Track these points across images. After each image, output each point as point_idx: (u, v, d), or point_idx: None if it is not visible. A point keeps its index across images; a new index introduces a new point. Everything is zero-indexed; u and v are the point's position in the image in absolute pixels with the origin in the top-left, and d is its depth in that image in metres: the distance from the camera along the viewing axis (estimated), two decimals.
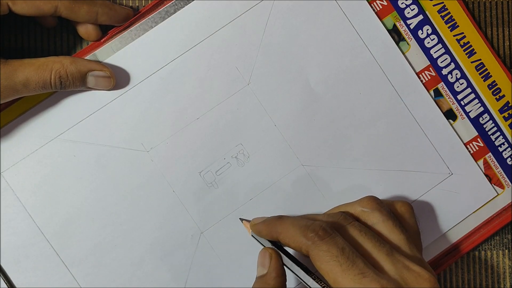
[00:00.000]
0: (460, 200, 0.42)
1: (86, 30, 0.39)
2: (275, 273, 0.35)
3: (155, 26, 0.40)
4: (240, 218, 0.40)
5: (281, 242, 0.35)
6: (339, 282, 0.31)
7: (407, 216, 0.38)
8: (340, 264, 0.31)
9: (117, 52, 0.40)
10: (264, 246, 0.37)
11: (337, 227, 0.34)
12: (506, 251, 0.43)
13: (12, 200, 0.39)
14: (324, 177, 0.41)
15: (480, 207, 0.43)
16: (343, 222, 0.35)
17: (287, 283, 0.36)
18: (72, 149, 0.39)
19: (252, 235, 0.38)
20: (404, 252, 0.34)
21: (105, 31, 0.40)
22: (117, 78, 0.39)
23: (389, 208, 0.37)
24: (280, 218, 0.36)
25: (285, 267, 0.36)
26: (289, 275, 0.36)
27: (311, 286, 0.34)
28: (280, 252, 0.36)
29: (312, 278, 0.34)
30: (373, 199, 0.37)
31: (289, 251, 0.36)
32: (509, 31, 0.44)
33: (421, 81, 0.42)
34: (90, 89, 0.39)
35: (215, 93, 0.41)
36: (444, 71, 0.43)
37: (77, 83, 0.37)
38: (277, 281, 0.35)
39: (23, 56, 0.36)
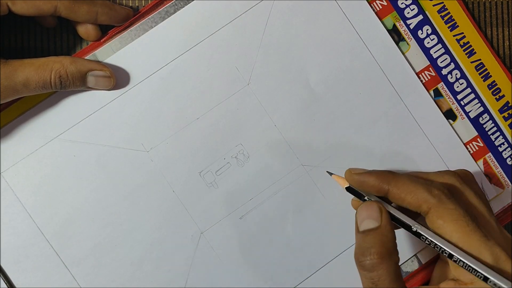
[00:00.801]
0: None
1: (86, 30, 0.39)
2: (390, 226, 0.33)
3: (155, 26, 0.40)
4: (327, 172, 0.39)
5: (393, 197, 0.34)
6: (464, 242, 0.31)
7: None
8: (467, 224, 0.31)
9: (117, 52, 0.40)
10: (360, 200, 0.36)
11: (454, 189, 0.34)
12: None
13: (12, 200, 0.39)
14: (324, 177, 0.41)
15: None
16: (459, 184, 0.35)
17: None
18: (72, 149, 0.39)
19: (348, 188, 0.36)
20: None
21: (105, 31, 0.40)
22: (117, 78, 0.39)
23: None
24: (392, 172, 0.35)
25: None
26: None
27: (429, 238, 0.33)
28: (389, 206, 0.34)
29: (429, 231, 0.33)
30: (470, 172, 0.37)
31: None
32: (509, 31, 0.44)
33: (421, 81, 0.42)
34: (90, 89, 0.39)
35: (215, 93, 0.41)
36: (444, 71, 0.43)
37: (77, 83, 0.37)
38: (393, 235, 0.33)
39: (23, 56, 0.36)
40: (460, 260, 0.31)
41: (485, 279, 0.31)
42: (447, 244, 0.32)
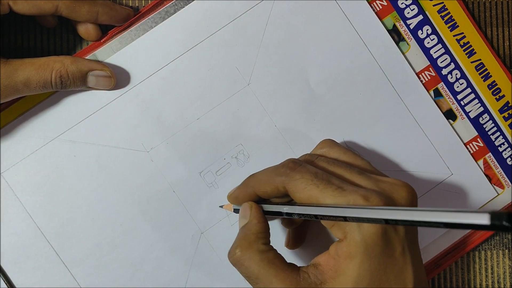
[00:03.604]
0: (460, 200, 0.42)
1: (86, 30, 0.39)
2: (256, 220, 0.35)
3: (155, 26, 0.40)
4: (220, 206, 0.40)
5: (260, 195, 0.35)
6: (322, 200, 0.31)
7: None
8: (317, 186, 0.32)
9: (117, 52, 0.40)
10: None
11: (307, 161, 0.35)
12: (506, 251, 0.43)
13: (12, 200, 0.39)
14: None
15: (480, 207, 0.43)
16: (311, 158, 0.36)
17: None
18: (72, 149, 0.39)
19: (234, 210, 0.38)
20: (373, 172, 0.35)
21: (105, 31, 0.40)
22: (117, 78, 0.39)
23: None
24: (252, 174, 0.36)
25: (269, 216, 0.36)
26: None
27: (295, 213, 0.33)
28: (261, 205, 0.36)
29: (294, 205, 0.33)
30: (329, 140, 0.38)
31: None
32: (509, 31, 0.44)
33: (421, 81, 0.42)
34: (90, 88, 0.39)
35: (215, 93, 0.41)
36: (444, 71, 0.43)
37: (77, 83, 0.37)
38: (259, 226, 0.34)
39: (23, 56, 0.36)
40: (320, 216, 0.31)
41: (345, 219, 0.30)
42: (307, 208, 0.32)
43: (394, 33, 0.42)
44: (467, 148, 0.43)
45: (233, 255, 0.33)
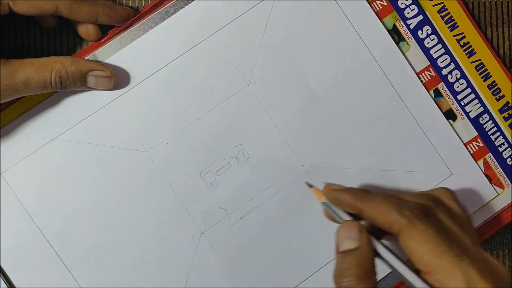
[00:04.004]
0: (460, 200, 0.42)
1: (86, 30, 0.39)
2: (369, 247, 0.33)
3: (155, 26, 0.40)
4: (306, 182, 0.39)
5: (366, 216, 0.34)
6: (435, 263, 0.31)
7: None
8: (439, 245, 0.31)
9: (117, 52, 0.40)
10: (335, 215, 0.36)
11: (427, 209, 0.34)
12: (506, 251, 0.43)
13: (12, 200, 0.39)
14: (324, 177, 0.41)
15: (480, 207, 0.43)
16: (432, 205, 0.34)
17: None
18: (72, 149, 0.39)
19: (324, 203, 0.36)
20: (477, 245, 0.34)
21: (105, 31, 0.40)
22: (117, 78, 0.39)
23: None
24: (366, 191, 0.35)
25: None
26: None
27: (398, 270, 0.32)
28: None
29: (400, 261, 0.33)
30: (450, 190, 0.37)
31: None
32: (509, 31, 0.44)
33: (421, 81, 0.42)
34: (90, 89, 0.39)
35: (215, 93, 0.41)
36: (444, 71, 0.43)
37: (77, 83, 0.37)
38: (372, 256, 0.33)
39: (23, 56, 0.36)
40: None
41: None
42: (408, 273, 0.32)
43: (394, 33, 0.42)
44: (467, 148, 0.43)
45: (346, 281, 0.32)
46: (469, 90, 0.43)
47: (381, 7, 0.42)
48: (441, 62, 0.43)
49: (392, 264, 0.33)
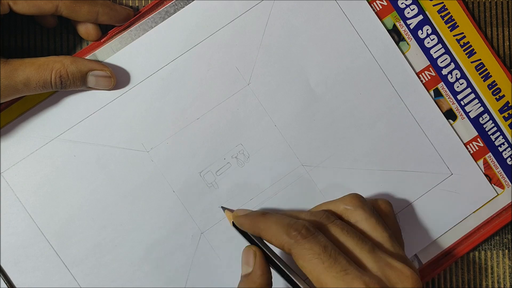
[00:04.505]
0: (460, 200, 0.42)
1: (86, 30, 0.39)
2: (260, 271, 0.35)
3: (155, 26, 0.40)
4: (221, 207, 0.40)
5: (264, 239, 0.35)
6: (321, 280, 0.31)
7: (389, 214, 0.38)
8: (323, 262, 0.31)
9: (117, 52, 0.40)
10: (245, 238, 0.37)
11: (320, 226, 0.34)
12: (506, 251, 0.44)
13: (12, 200, 0.39)
14: (324, 177, 0.41)
15: (480, 207, 0.43)
16: (326, 221, 0.35)
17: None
18: (72, 149, 0.39)
19: (233, 226, 0.38)
20: (387, 250, 0.34)
21: (105, 31, 0.40)
22: (117, 78, 0.39)
23: (371, 206, 0.37)
24: (263, 214, 0.36)
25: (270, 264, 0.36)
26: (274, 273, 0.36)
27: (297, 284, 0.34)
28: (264, 249, 0.36)
29: (295, 276, 0.34)
30: (356, 197, 0.37)
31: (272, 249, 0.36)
32: (509, 31, 0.44)
33: (421, 81, 0.42)
34: (90, 89, 0.39)
35: (215, 93, 0.41)
36: (444, 71, 0.43)
37: (77, 83, 0.37)
38: (263, 279, 0.34)
39: (23, 56, 0.36)
40: None
41: None
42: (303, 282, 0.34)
43: (394, 33, 0.42)
44: (467, 148, 0.43)
45: None
46: (469, 90, 0.43)
47: (381, 7, 0.42)
48: (441, 62, 0.43)
49: (289, 283, 0.35)
